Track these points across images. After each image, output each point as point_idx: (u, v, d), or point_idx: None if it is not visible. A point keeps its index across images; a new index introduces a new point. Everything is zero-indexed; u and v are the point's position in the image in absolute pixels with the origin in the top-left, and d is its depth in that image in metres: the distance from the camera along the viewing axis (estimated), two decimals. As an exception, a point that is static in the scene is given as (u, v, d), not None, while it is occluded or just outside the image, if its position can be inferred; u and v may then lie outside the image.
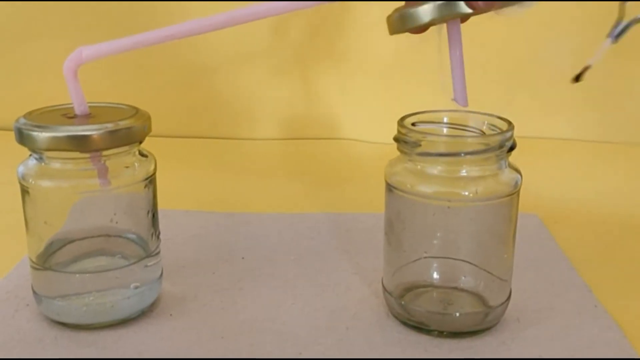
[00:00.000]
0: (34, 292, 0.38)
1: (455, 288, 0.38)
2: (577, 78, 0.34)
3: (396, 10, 0.35)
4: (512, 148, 0.36)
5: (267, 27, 0.73)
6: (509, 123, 0.37)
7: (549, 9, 0.71)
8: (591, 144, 0.74)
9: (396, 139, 0.37)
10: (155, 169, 0.39)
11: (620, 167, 0.68)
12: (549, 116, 0.75)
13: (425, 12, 0.32)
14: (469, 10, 0.32)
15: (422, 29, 0.33)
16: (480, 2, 0.31)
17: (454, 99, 0.35)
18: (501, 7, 0.32)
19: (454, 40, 0.34)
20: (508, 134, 0.36)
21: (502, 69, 0.74)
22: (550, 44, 0.73)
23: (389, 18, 0.35)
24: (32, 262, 0.38)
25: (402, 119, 0.37)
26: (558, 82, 0.74)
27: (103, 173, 0.36)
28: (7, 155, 0.45)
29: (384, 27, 0.36)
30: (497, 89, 0.73)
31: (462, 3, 0.32)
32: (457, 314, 0.37)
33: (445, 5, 0.32)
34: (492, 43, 0.73)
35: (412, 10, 0.33)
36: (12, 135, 0.36)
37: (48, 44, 0.74)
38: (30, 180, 0.36)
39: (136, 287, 0.38)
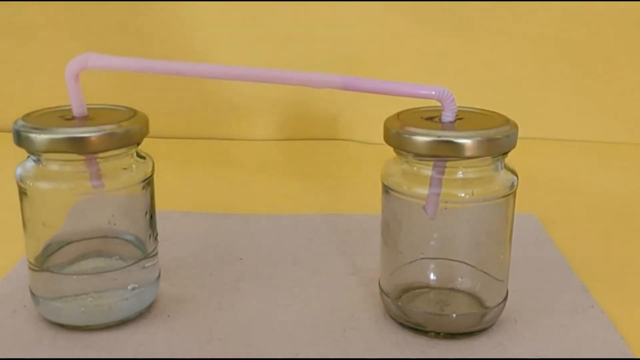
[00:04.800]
0: (32, 293, 0.38)
1: (452, 289, 0.39)
2: None
3: (394, 126, 0.35)
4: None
5: (266, 29, 0.73)
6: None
7: (549, 9, 0.71)
8: (589, 144, 0.74)
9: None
10: (153, 171, 0.39)
11: (619, 167, 0.69)
12: (548, 117, 0.75)
13: (418, 144, 0.34)
14: (456, 157, 0.34)
15: None
16: None
17: (424, 209, 0.36)
18: None
19: (437, 174, 0.35)
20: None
21: (500, 68, 0.74)
22: (549, 43, 0.73)
23: (386, 129, 0.36)
24: (30, 263, 0.38)
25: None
26: (556, 82, 0.74)
27: (96, 175, 0.36)
28: (5, 157, 0.45)
29: (382, 27, 0.37)
30: (495, 89, 0.74)
31: (452, 147, 0.34)
32: (454, 315, 0.37)
33: (437, 144, 0.34)
34: (491, 42, 0.73)
35: (408, 136, 0.34)
36: (10, 137, 0.36)
37: (46, 46, 0.74)
38: (28, 182, 0.36)
39: (134, 289, 0.38)
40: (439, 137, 0.34)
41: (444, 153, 0.34)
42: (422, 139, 0.34)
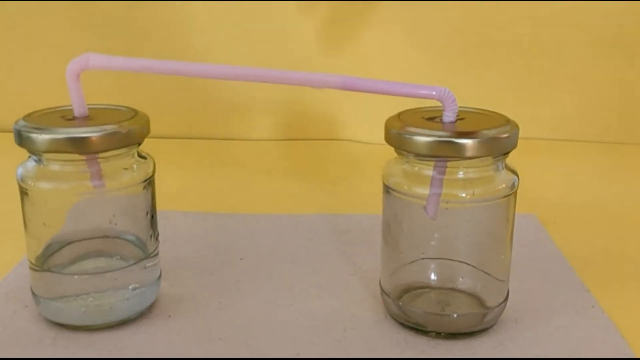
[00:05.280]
0: (33, 293, 0.38)
1: (453, 289, 0.39)
2: None
3: (395, 126, 0.35)
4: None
5: (265, 29, 0.74)
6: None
7: (549, 10, 0.71)
8: (590, 144, 0.74)
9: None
10: (154, 171, 0.39)
11: (618, 167, 0.69)
12: (547, 117, 0.75)
13: (419, 144, 0.34)
14: (457, 157, 0.34)
15: None
16: None
17: (424, 209, 0.36)
18: None
19: (437, 175, 0.35)
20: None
21: (499, 68, 0.74)
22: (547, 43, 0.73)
23: (387, 129, 0.36)
24: (31, 263, 0.38)
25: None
26: (556, 83, 0.74)
27: (97, 175, 0.36)
28: (6, 157, 0.45)
29: (382, 26, 0.37)
30: (495, 89, 0.74)
31: (453, 147, 0.33)
32: (455, 315, 0.37)
33: (438, 145, 0.34)
34: (491, 41, 0.73)
35: (409, 137, 0.34)
36: (11, 137, 0.36)
37: (48, 46, 0.74)
38: (29, 182, 0.36)
39: (135, 289, 0.38)
40: (439, 137, 0.34)
41: (445, 153, 0.34)
42: (423, 139, 0.34)
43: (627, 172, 0.67)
